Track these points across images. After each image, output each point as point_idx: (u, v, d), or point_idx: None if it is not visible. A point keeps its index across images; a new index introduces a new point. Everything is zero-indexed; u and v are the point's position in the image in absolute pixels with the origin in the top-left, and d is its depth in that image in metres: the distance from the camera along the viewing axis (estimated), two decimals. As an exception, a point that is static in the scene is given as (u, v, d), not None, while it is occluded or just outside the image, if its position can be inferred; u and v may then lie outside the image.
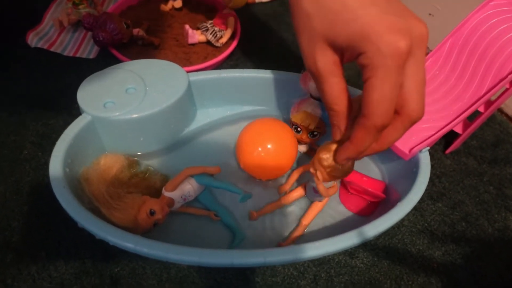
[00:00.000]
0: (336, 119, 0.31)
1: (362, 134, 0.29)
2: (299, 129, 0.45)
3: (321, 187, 0.39)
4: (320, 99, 0.44)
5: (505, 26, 0.41)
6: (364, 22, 0.26)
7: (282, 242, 0.40)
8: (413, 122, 0.29)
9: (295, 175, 0.44)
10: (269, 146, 0.42)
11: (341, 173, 0.35)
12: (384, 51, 0.25)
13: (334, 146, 0.34)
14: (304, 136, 0.45)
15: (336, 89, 0.30)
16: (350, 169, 0.35)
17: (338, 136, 0.32)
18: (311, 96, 0.44)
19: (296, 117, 0.44)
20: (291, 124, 0.46)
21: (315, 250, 0.33)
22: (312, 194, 0.43)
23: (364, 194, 0.44)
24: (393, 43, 0.25)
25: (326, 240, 0.34)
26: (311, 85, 0.43)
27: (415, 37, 0.26)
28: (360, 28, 0.26)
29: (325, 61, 0.28)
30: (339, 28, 0.26)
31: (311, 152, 0.48)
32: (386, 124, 0.28)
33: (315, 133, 0.45)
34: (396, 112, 0.28)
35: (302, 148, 0.48)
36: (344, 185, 0.45)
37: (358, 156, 0.31)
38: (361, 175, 0.45)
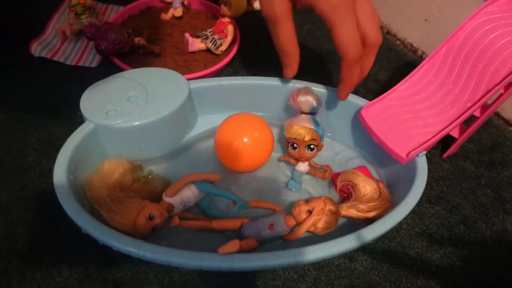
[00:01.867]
0: (288, 59, 0.41)
1: (348, 71, 0.38)
2: (295, 145, 0.45)
3: (302, 231, 0.40)
4: (311, 113, 0.45)
5: (499, 32, 0.42)
6: None
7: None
8: (377, 46, 0.38)
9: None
10: (245, 139, 0.44)
11: (331, 226, 0.41)
12: (332, 2, 0.33)
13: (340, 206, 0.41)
14: (301, 151, 0.44)
15: (288, 32, 0.37)
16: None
17: (290, 74, 0.42)
18: (302, 112, 0.45)
19: (290, 133, 0.44)
20: (287, 142, 0.45)
21: (314, 253, 0.34)
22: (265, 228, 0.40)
23: None
24: None
25: (325, 243, 0.34)
26: (300, 100, 0.44)
27: None
28: None
29: (283, 7, 0.35)
30: None
31: (314, 171, 0.48)
32: (360, 55, 0.37)
33: (312, 146, 0.44)
34: (363, 44, 0.37)
35: (303, 168, 0.47)
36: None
37: (353, 87, 0.42)
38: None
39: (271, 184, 0.47)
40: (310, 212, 0.40)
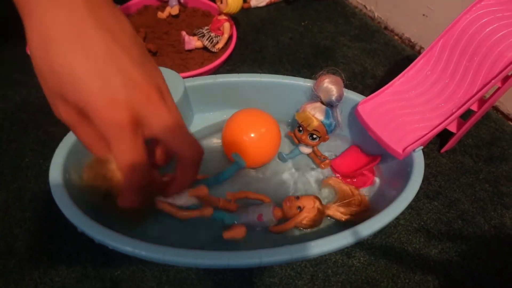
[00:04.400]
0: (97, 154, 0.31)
1: (126, 191, 0.30)
2: (301, 128, 0.46)
3: (290, 226, 0.41)
4: (329, 105, 0.45)
5: (495, 25, 0.42)
6: (87, 94, 0.26)
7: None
8: (194, 161, 0.32)
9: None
10: (252, 134, 0.45)
11: (316, 224, 0.42)
12: (108, 123, 0.26)
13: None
14: (304, 137, 0.46)
15: (85, 136, 0.30)
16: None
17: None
18: (321, 101, 0.45)
19: (298, 116, 0.46)
20: (296, 122, 0.47)
21: (310, 249, 0.33)
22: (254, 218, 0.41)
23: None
24: (114, 116, 0.26)
25: (321, 240, 0.34)
26: (322, 87, 0.44)
27: (139, 101, 0.27)
28: (84, 99, 0.26)
29: (67, 114, 0.28)
30: (69, 93, 0.27)
31: (314, 156, 0.49)
32: (147, 180, 0.30)
33: (314, 136, 0.46)
34: (177, 159, 0.31)
35: (306, 150, 0.49)
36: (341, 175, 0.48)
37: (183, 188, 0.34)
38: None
39: (270, 177, 0.48)
40: (300, 208, 0.41)
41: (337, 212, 0.42)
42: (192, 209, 0.37)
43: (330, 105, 0.45)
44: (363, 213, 0.42)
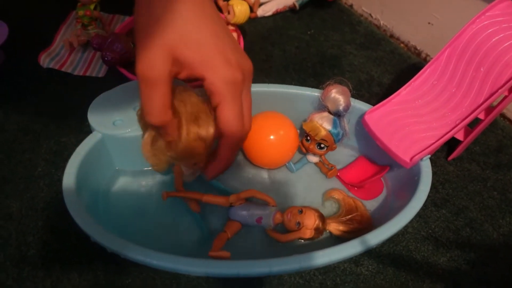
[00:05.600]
0: (163, 130, 0.33)
1: (226, 150, 0.34)
2: (308, 137, 0.47)
3: (285, 240, 0.41)
4: (336, 114, 0.45)
5: (501, 36, 0.42)
6: (209, 51, 0.30)
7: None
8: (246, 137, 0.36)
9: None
10: (271, 136, 0.46)
11: (313, 239, 0.42)
12: (227, 79, 0.31)
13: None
14: (311, 146, 0.47)
15: (163, 97, 0.30)
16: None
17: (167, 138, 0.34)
18: (328, 111, 0.46)
19: (306, 125, 0.46)
20: (303, 131, 0.47)
21: (319, 258, 0.34)
22: (253, 219, 0.42)
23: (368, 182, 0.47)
24: (233, 73, 0.31)
25: (330, 249, 0.35)
26: (329, 97, 0.44)
27: (245, 71, 0.33)
28: (206, 54, 0.30)
29: (164, 68, 0.29)
30: (189, 47, 0.29)
31: (321, 165, 0.49)
32: (243, 139, 0.34)
33: (322, 145, 0.46)
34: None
35: (313, 159, 0.49)
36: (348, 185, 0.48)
37: (224, 169, 0.37)
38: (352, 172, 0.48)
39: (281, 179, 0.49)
40: (299, 224, 0.41)
41: (337, 230, 0.42)
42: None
43: (337, 115, 0.45)
44: (364, 230, 0.41)
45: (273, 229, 0.42)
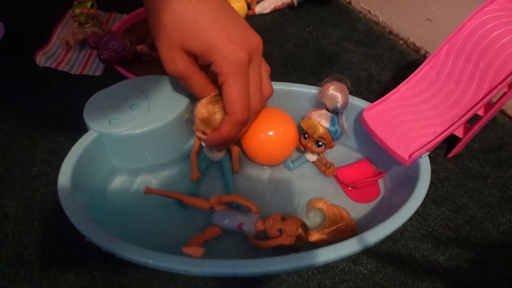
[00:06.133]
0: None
1: (228, 127, 0.36)
2: (306, 135, 0.46)
3: (266, 247, 0.39)
4: (334, 112, 0.45)
5: (500, 31, 0.42)
6: (210, 36, 0.32)
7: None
8: (255, 113, 0.38)
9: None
10: (270, 132, 0.45)
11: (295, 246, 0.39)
12: (229, 59, 0.32)
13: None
14: (309, 144, 0.46)
15: (199, 82, 0.37)
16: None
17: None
18: (326, 108, 0.45)
19: (304, 123, 0.46)
20: (301, 129, 0.47)
21: (316, 258, 0.33)
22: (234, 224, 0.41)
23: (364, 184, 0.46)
24: (235, 53, 0.32)
25: (328, 248, 0.34)
26: (327, 95, 0.44)
27: (252, 48, 0.34)
28: (208, 40, 0.32)
29: (184, 63, 0.34)
30: (192, 39, 0.33)
31: (319, 163, 0.49)
32: (246, 118, 0.36)
33: (320, 143, 0.46)
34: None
35: (311, 157, 0.49)
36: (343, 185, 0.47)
37: (225, 145, 0.40)
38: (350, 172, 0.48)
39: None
40: (280, 231, 0.39)
41: (321, 241, 0.41)
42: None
43: (335, 112, 0.45)
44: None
45: (254, 236, 0.41)
